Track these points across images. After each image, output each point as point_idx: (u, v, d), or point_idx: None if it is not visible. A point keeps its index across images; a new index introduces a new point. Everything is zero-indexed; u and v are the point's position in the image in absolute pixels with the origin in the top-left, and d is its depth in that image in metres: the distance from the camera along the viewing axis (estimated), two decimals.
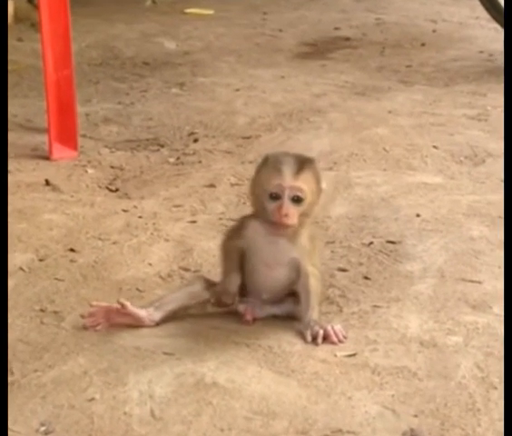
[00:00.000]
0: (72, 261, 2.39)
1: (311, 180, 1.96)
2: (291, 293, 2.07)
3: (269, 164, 1.98)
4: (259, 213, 2.01)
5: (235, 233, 2.06)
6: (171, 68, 5.29)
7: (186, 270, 2.36)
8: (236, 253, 2.04)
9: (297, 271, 2.02)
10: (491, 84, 4.61)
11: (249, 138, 3.71)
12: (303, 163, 1.96)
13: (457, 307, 2.08)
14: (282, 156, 1.98)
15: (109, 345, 1.92)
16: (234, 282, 2.04)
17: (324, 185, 2.04)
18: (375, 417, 1.62)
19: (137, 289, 2.23)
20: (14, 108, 3.99)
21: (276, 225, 1.95)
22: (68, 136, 3.49)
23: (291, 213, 1.93)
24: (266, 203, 1.95)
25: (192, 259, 2.45)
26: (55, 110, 3.49)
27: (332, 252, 2.49)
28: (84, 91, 4.54)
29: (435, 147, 3.46)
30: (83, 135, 3.73)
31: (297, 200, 1.93)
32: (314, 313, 1.98)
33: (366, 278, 2.30)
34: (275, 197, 1.94)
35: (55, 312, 2.07)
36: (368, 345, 1.90)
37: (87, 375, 1.79)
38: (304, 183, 1.93)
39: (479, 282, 2.22)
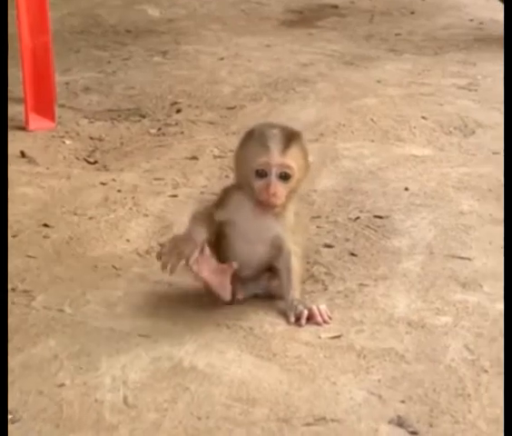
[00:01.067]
0: (45, 237, 2.29)
1: (299, 155, 1.86)
2: (268, 269, 1.97)
3: (254, 139, 1.87)
4: (243, 188, 1.91)
5: (217, 204, 1.95)
6: (154, 36, 5.16)
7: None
8: (211, 218, 1.91)
9: (279, 248, 1.92)
10: (481, 53, 4.51)
11: (233, 108, 3.61)
12: (291, 138, 1.85)
13: (446, 285, 2.00)
14: (268, 130, 1.87)
15: (82, 327, 1.82)
16: (201, 233, 1.88)
17: (311, 159, 1.95)
18: (360, 404, 1.53)
19: (113, 266, 2.13)
20: None
21: (262, 204, 1.85)
22: (45, 107, 3.37)
23: (279, 192, 1.83)
24: (252, 180, 1.85)
25: (171, 234, 2.35)
26: (32, 79, 3.37)
27: (318, 227, 2.39)
28: (64, 59, 4.41)
29: (424, 118, 3.36)
30: (62, 105, 3.62)
31: (285, 177, 1.83)
32: (296, 293, 1.89)
33: (352, 254, 2.21)
34: (262, 174, 1.83)
35: (26, 292, 1.97)
36: (353, 326, 1.82)
37: (57, 359, 1.69)
38: (292, 160, 1.83)
39: (469, 259, 2.13)
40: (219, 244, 1.94)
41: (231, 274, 1.89)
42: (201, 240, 1.88)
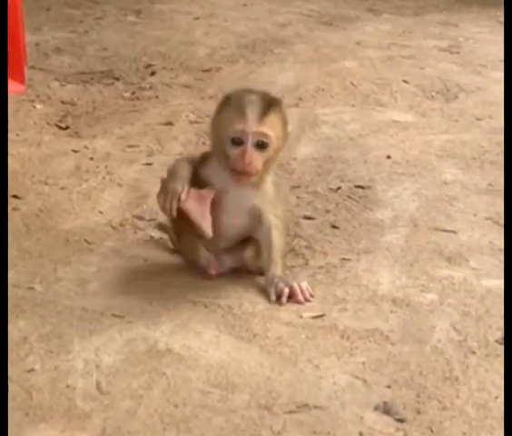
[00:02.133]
0: (15, 209, 2.19)
1: (277, 123, 1.78)
2: (246, 240, 1.90)
3: (231, 105, 1.78)
4: (219, 157, 1.82)
5: (199, 161, 1.86)
6: None
7: (140, 218, 2.18)
8: (193, 166, 1.83)
9: (258, 219, 1.84)
10: (462, 14, 4.44)
11: (209, 71, 3.51)
12: (269, 106, 1.76)
13: (431, 260, 1.93)
14: (246, 96, 1.77)
15: (52, 306, 1.73)
16: (186, 168, 1.80)
17: (290, 128, 1.86)
18: (344, 388, 1.47)
19: (85, 240, 2.04)
20: None
21: (238, 173, 1.77)
22: (15, 69, 3.24)
23: (255, 161, 1.75)
24: (227, 148, 1.77)
25: (146, 206, 2.26)
26: None
27: (298, 197, 2.32)
28: (35, 18, 4.28)
29: (405, 82, 3.29)
30: (32, 67, 3.50)
31: (261, 145, 1.75)
32: (278, 269, 1.81)
33: (333, 227, 2.14)
34: (238, 142, 1.75)
35: None
36: (336, 304, 1.75)
37: (27, 342, 1.61)
38: (270, 128, 1.75)
39: (454, 232, 2.07)
40: None
41: (210, 203, 1.80)
42: (188, 174, 1.80)
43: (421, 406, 1.43)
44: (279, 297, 1.77)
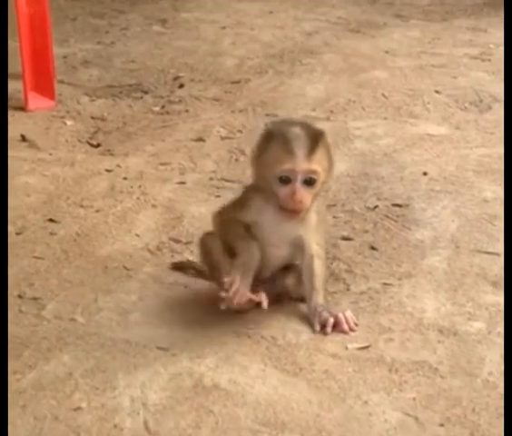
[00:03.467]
0: (52, 233, 2.19)
1: (324, 158, 1.74)
2: (287, 268, 1.87)
3: (276, 142, 1.72)
4: (265, 194, 1.78)
5: (239, 208, 1.84)
6: (151, 2, 5.03)
7: (177, 241, 2.16)
8: (243, 227, 1.81)
9: (301, 249, 1.82)
10: (491, 18, 4.39)
11: (238, 83, 3.49)
12: (315, 141, 1.72)
13: (475, 284, 1.90)
14: (290, 131, 1.72)
15: (95, 339, 1.72)
16: (256, 256, 1.77)
17: (334, 158, 1.82)
18: (396, 427, 1.44)
19: (124, 267, 2.03)
20: None
21: (288, 211, 1.74)
22: (45, 84, 3.25)
23: (305, 198, 1.71)
24: (275, 186, 1.73)
25: (182, 227, 2.25)
26: (30, 53, 3.23)
27: (335, 217, 2.29)
28: (61, 29, 4.28)
29: (437, 92, 3.25)
30: (61, 81, 3.50)
31: (310, 182, 1.71)
32: (320, 297, 1.79)
33: (373, 248, 2.11)
34: (285, 181, 1.71)
35: (35, 299, 1.87)
36: (381, 334, 1.72)
37: (72, 377, 1.59)
38: (318, 164, 1.71)
39: (498, 254, 2.03)
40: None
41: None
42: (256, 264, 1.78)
43: None
44: (323, 327, 1.74)
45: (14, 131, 2.94)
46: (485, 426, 1.45)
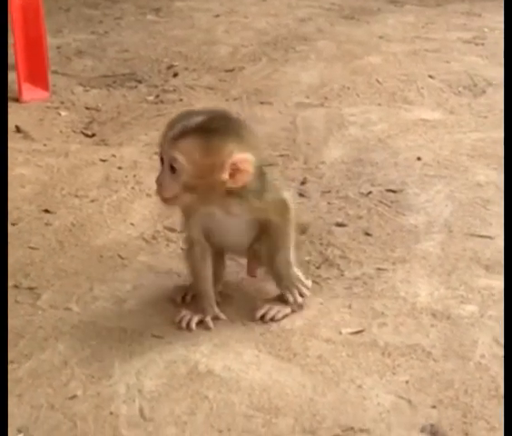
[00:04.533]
0: (47, 224, 2.19)
1: (195, 150, 1.60)
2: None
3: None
4: None
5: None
6: None
7: (172, 230, 2.17)
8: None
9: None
10: (485, 3, 4.39)
11: (232, 71, 3.49)
12: (192, 131, 1.61)
13: (468, 269, 1.91)
14: (181, 117, 1.66)
15: (91, 327, 1.73)
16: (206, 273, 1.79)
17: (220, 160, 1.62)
18: (389, 410, 1.46)
19: (119, 255, 2.03)
20: None
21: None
22: (38, 74, 3.24)
23: (166, 182, 1.65)
24: None
25: (176, 217, 2.25)
26: (23, 43, 3.21)
27: (329, 203, 2.30)
28: (54, 19, 4.27)
29: (431, 77, 3.26)
30: (55, 72, 3.49)
31: (173, 169, 1.64)
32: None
33: (367, 234, 2.12)
34: (161, 162, 1.68)
35: (31, 289, 1.88)
36: (375, 319, 1.73)
37: (68, 366, 1.60)
38: (182, 153, 1.60)
39: (490, 238, 2.05)
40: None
41: None
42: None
43: (469, 427, 1.41)
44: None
45: (8, 122, 2.94)
46: (477, 408, 1.46)
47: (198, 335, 1.70)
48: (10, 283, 1.90)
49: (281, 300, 1.78)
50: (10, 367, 1.60)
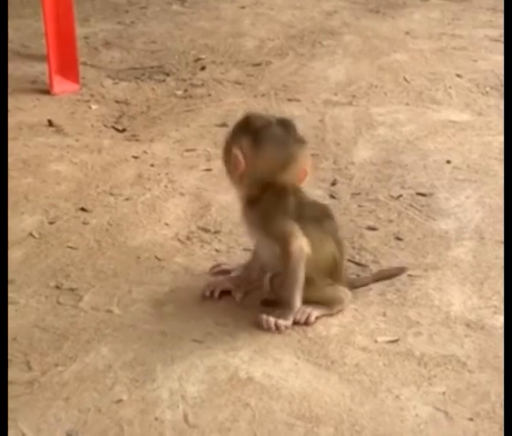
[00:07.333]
0: (84, 223, 2.24)
1: None
2: None
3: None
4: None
5: None
6: None
7: (206, 230, 2.21)
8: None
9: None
10: None
11: (259, 65, 3.51)
12: None
13: (500, 277, 1.94)
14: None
15: (132, 330, 1.78)
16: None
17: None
18: (427, 422, 1.50)
19: (156, 257, 2.08)
20: (9, 32, 3.75)
21: None
22: (69, 67, 3.28)
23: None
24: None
25: (210, 217, 2.29)
26: (54, 34, 3.24)
27: (359, 206, 2.33)
28: (81, 8, 4.29)
29: (458, 76, 3.27)
30: (84, 63, 3.53)
31: None
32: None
33: (398, 238, 2.16)
34: None
35: (72, 290, 1.92)
36: (410, 328, 1.77)
37: (111, 370, 1.65)
38: None
39: None
40: None
41: None
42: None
43: None
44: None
45: (41, 116, 2.99)
46: None
47: (237, 340, 1.74)
48: (52, 284, 1.95)
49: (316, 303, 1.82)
50: (56, 370, 1.65)
